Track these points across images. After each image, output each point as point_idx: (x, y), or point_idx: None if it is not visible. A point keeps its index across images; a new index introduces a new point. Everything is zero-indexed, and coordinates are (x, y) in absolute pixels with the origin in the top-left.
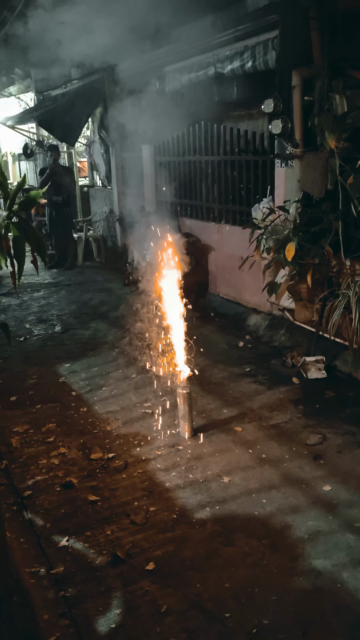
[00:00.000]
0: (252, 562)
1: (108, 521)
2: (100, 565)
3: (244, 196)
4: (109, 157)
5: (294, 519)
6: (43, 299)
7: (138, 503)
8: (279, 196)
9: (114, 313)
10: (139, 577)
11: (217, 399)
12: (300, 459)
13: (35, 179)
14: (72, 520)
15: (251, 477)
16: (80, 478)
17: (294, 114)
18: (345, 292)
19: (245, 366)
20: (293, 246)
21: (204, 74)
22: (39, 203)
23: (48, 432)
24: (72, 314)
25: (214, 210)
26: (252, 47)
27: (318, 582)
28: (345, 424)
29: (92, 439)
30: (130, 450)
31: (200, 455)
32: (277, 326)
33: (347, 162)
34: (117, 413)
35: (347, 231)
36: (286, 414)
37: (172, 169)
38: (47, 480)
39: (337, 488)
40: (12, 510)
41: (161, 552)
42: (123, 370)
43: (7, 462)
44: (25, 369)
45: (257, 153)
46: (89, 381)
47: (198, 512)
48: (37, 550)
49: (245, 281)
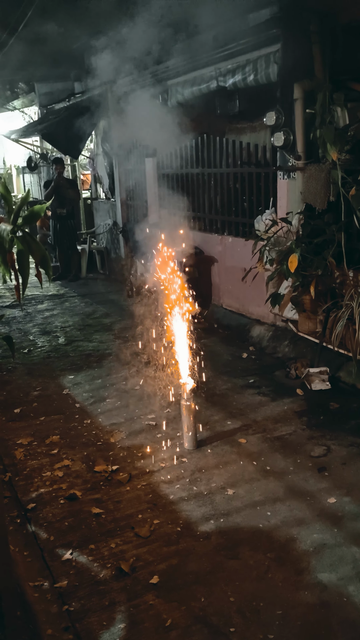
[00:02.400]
0: (257, 576)
1: (112, 534)
2: (104, 579)
3: (246, 208)
4: (112, 170)
5: (299, 531)
6: (47, 311)
7: (142, 516)
8: (281, 208)
9: (118, 325)
10: (143, 591)
11: (221, 410)
12: (305, 471)
13: (39, 192)
14: (76, 533)
15: (255, 489)
16: (84, 490)
17: (295, 126)
18: (349, 304)
19: (249, 377)
20: (296, 258)
21: (206, 87)
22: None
23: (52, 444)
24: (76, 326)
25: (217, 222)
26: (254, 61)
27: (324, 596)
28: (349, 435)
29: (96, 451)
30: (134, 463)
31: (204, 467)
32: (281, 337)
33: (349, 174)
34: (121, 425)
35: (350, 242)
36: (290, 425)
37: (175, 182)
38: (50, 493)
39: (342, 500)
40: (15, 523)
41: (165, 565)
42: (127, 382)
43: (11, 474)
44: (29, 381)
45: (260, 165)
46: (92, 393)
47: (202, 524)
48: (41, 563)
49: (248, 292)
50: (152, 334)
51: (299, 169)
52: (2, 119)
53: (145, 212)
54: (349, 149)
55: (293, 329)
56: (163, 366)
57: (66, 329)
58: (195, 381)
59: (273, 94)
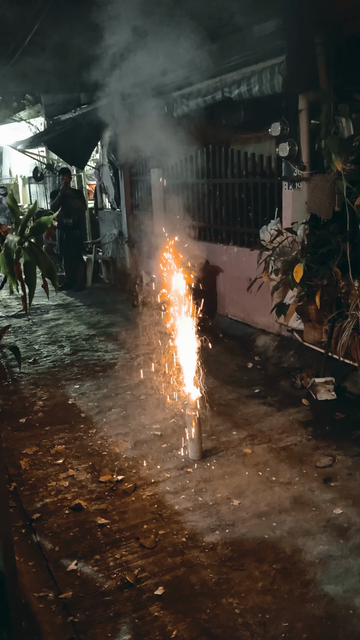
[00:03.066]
0: (263, 587)
1: (117, 544)
2: (109, 590)
3: (251, 218)
4: (117, 180)
5: (305, 542)
6: (52, 321)
7: (147, 526)
8: (286, 218)
9: (123, 334)
10: (148, 602)
11: (226, 420)
12: (311, 482)
13: (45, 202)
14: (81, 543)
15: (261, 500)
16: (89, 501)
17: (301, 137)
18: (354, 313)
19: (255, 387)
20: (301, 267)
21: (211, 99)
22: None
23: (57, 454)
24: (81, 336)
25: (222, 232)
26: (259, 72)
27: (330, 608)
28: (355, 446)
29: (101, 461)
30: (139, 473)
31: (210, 477)
32: (286, 347)
33: (354, 184)
34: (126, 435)
35: (355, 252)
36: (296, 435)
37: (180, 192)
38: (56, 503)
39: (349, 511)
40: (20, 533)
41: (171, 576)
42: (132, 391)
43: (16, 484)
44: (35, 391)
45: (265, 175)
46: (98, 403)
47: (208, 535)
48: (46, 574)
49: (253, 302)
50: (157, 344)
51: (304, 179)
52: (8, 130)
53: (151, 222)
54: (354, 159)
55: (298, 338)
56: (168, 376)
57: (71, 339)
58: (200, 391)
59: (278, 104)
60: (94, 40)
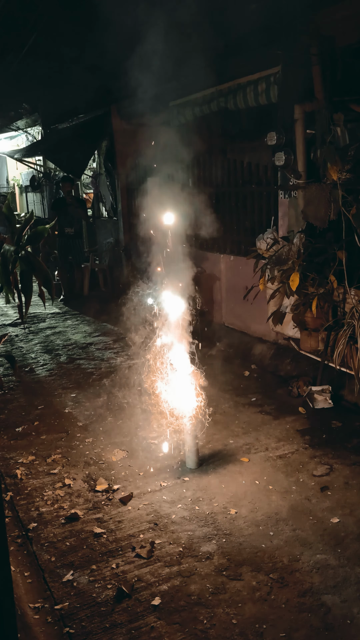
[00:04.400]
0: (260, 597)
1: (113, 554)
2: (105, 600)
3: (248, 227)
4: (114, 189)
5: (302, 552)
6: (49, 329)
7: (144, 536)
8: (282, 227)
9: (119, 343)
10: (144, 613)
11: (223, 429)
12: (308, 490)
13: (42, 211)
14: (77, 553)
15: (258, 509)
16: (85, 510)
17: (296, 146)
18: (350, 322)
19: (251, 396)
20: (297, 276)
21: (207, 108)
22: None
23: (53, 463)
24: (78, 344)
25: (219, 241)
26: (254, 82)
27: (327, 618)
28: (352, 454)
29: (97, 470)
30: (135, 482)
31: (207, 486)
32: (283, 355)
33: (350, 193)
34: (122, 444)
35: (351, 261)
36: (293, 444)
37: (177, 201)
38: (52, 512)
39: (346, 520)
40: (16, 543)
41: (167, 586)
42: (129, 400)
43: (12, 493)
44: (31, 400)
45: (261, 184)
46: (94, 411)
47: (204, 545)
48: (42, 584)
49: (250, 311)
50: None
51: (299, 188)
52: (6, 139)
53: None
54: (349, 168)
55: (295, 347)
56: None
57: (68, 347)
58: (197, 399)
59: (274, 114)
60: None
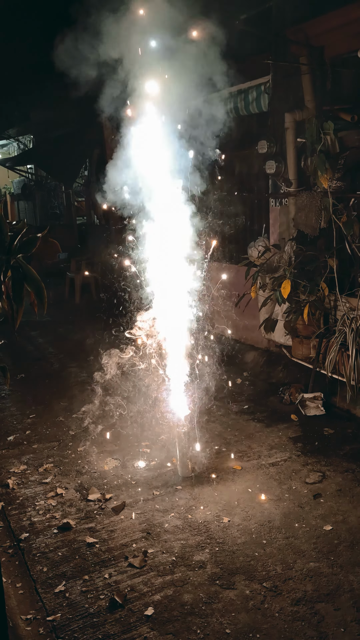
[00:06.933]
0: (253, 606)
1: (106, 564)
2: (97, 611)
3: (239, 234)
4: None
5: (295, 560)
6: (41, 337)
7: (136, 545)
8: (274, 234)
9: (115, 351)
10: (137, 623)
11: (215, 437)
12: (301, 498)
13: (34, 219)
14: (69, 563)
15: (251, 517)
16: (77, 520)
17: (287, 154)
18: (342, 329)
19: (244, 403)
20: (289, 283)
21: None
22: None
23: (45, 473)
24: (70, 353)
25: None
26: (245, 91)
27: (321, 626)
28: (344, 461)
29: (89, 479)
30: (128, 491)
31: (199, 495)
32: (275, 363)
33: (340, 201)
34: (115, 452)
35: (342, 268)
36: (285, 451)
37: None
38: (44, 522)
39: (338, 527)
40: (7, 553)
41: (160, 596)
42: (121, 409)
43: (4, 503)
44: (23, 408)
45: (252, 192)
46: (87, 420)
47: (197, 554)
48: (34, 595)
49: (241, 318)
50: (147, 361)
51: (290, 196)
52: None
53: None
54: (339, 176)
55: (287, 354)
56: (157, 392)
57: (60, 356)
58: (189, 408)
59: (265, 122)
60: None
